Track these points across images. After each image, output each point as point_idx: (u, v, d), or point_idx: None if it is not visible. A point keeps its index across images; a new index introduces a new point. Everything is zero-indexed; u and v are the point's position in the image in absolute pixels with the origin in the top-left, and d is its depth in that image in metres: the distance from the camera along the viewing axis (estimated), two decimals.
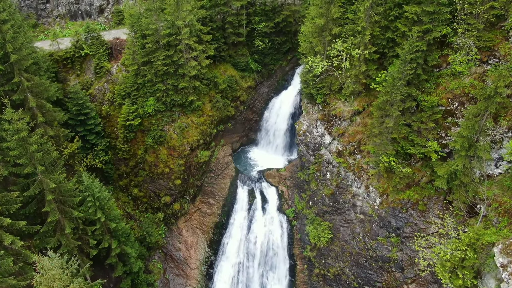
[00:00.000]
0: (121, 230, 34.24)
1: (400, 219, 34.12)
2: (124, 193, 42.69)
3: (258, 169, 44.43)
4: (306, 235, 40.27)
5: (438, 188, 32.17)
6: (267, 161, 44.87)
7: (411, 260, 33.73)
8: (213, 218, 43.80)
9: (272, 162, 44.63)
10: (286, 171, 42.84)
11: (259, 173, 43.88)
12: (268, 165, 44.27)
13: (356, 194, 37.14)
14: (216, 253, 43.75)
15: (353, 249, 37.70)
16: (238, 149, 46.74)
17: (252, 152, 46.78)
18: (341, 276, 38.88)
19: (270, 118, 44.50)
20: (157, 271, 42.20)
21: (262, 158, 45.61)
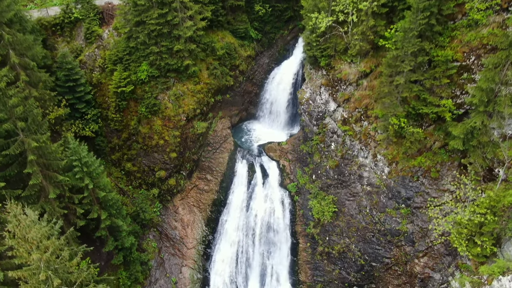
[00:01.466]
0: (111, 201, 31.96)
1: (411, 189, 31.81)
2: (117, 167, 40.44)
3: (258, 143, 42.14)
4: (309, 211, 37.96)
5: (452, 153, 29.88)
6: (268, 136, 42.59)
7: (423, 232, 31.42)
8: (210, 195, 41.53)
9: (273, 137, 42.37)
10: (287, 144, 40.53)
11: (259, 147, 41.60)
12: (269, 140, 41.98)
13: (363, 164, 34.83)
14: (214, 232, 41.47)
15: (359, 223, 35.39)
16: (237, 124, 44.47)
17: (252, 127, 44.48)
18: (347, 253, 36.55)
19: (271, 90, 42.22)
20: (151, 250, 39.92)
21: (263, 133, 43.33)
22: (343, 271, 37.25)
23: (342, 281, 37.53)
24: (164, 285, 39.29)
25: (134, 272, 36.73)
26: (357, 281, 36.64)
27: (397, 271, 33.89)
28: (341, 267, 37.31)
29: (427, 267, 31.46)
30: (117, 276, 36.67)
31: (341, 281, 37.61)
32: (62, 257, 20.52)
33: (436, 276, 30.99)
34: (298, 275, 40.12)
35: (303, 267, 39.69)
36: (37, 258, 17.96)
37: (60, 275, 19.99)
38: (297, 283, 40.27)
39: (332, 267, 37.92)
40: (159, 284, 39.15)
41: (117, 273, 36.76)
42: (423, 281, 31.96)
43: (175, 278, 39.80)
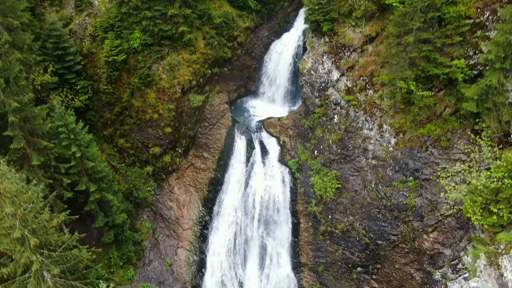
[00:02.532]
0: (100, 173, 30.09)
1: (419, 160, 29.92)
2: (109, 144, 38.58)
3: (257, 120, 40.27)
4: (311, 187, 36.06)
5: (463, 120, 28.02)
6: (267, 112, 40.69)
7: (432, 205, 29.51)
8: (207, 174, 39.64)
9: (273, 114, 40.43)
10: (288, 119, 38.65)
11: (259, 123, 39.70)
12: (269, 116, 40.09)
13: (368, 137, 32.95)
14: (211, 212, 39.57)
15: (364, 199, 33.48)
16: (236, 100, 42.61)
17: (251, 104, 42.62)
18: (350, 232, 34.64)
19: (271, 64, 40.36)
20: (145, 231, 38.05)
21: (262, 110, 41.43)
22: (347, 251, 35.33)
23: (346, 262, 35.61)
24: (159, 267, 37.41)
25: (126, 251, 34.89)
26: (361, 262, 34.72)
27: (404, 249, 31.98)
28: (344, 247, 35.39)
29: (437, 243, 29.56)
30: (108, 256, 34.88)
31: (345, 262, 35.69)
32: (41, 218, 18.67)
33: (447, 251, 29.09)
34: (299, 257, 38.22)
35: (304, 248, 37.78)
36: (11, 212, 16.11)
37: (38, 236, 18.14)
38: (298, 265, 38.38)
39: (335, 247, 36.00)
40: (153, 265, 37.27)
41: (109, 252, 34.94)
42: (432, 257, 30.05)
43: (170, 260, 37.92)
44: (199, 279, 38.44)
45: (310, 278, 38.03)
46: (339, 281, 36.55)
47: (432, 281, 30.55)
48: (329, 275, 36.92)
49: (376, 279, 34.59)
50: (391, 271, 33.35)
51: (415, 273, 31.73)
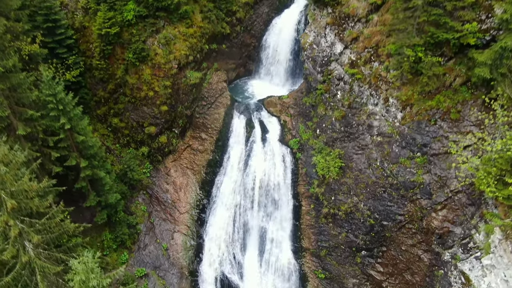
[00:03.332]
0: (92, 149, 28.61)
1: (427, 134, 28.39)
2: (103, 124, 37.09)
3: (257, 99, 38.75)
4: (313, 167, 34.52)
5: (475, 90, 26.48)
6: (268, 92, 39.10)
7: (442, 181, 27.95)
8: (205, 156, 38.13)
9: (273, 93, 38.84)
10: (289, 98, 37.12)
11: (259, 102, 38.20)
12: (269, 95, 38.55)
13: (373, 113, 31.43)
14: (209, 195, 38.05)
15: (368, 178, 31.94)
16: (234, 80, 41.09)
17: (250, 84, 41.09)
18: (354, 213, 33.09)
19: (271, 42, 38.81)
20: (140, 214, 36.55)
21: (262, 90, 39.88)
22: (351, 234, 33.78)
23: (349, 245, 34.07)
24: (154, 251, 35.92)
25: (120, 234, 33.41)
26: (365, 245, 33.17)
27: (411, 229, 30.43)
28: (348, 230, 33.85)
29: (446, 221, 28.01)
30: (101, 238, 33.39)
31: (348, 245, 34.15)
32: (22, 182, 17.17)
33: (457, 230, 27.54)
34: (300, 241, 36.69)
35: (306, 232, 36.26)
36: None
37: (17, 200, 16.65)
38: (300, 250, 36.85)
39: (338, 230, 34.47)
40: (148, 250, 35.78)
41: (102, 235, 33.47)
42: (441, 237, 28.51)
43: (166, 245, 36.41)
44: (196, 264, 36.94)
45: (312, 263, 36.51)
46: (343, 265, 35.03)
47: (441, 262, 29.02)
48: (332, 259, 35.40)
49: (381, 262, 33.05)
50: (397, 254, 31.80)
51: (422, 255, 30.19)
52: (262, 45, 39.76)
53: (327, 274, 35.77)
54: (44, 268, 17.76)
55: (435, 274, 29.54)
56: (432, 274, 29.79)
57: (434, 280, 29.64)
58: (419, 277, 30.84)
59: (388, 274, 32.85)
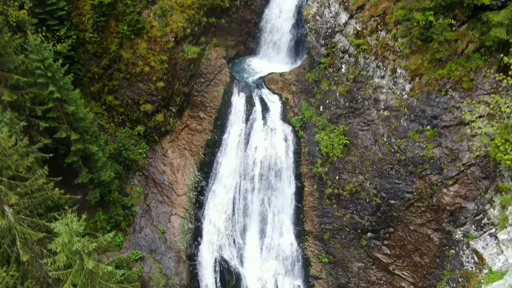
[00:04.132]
0: (83, 121, 27.12)
1: (437, 105, 26.89)
2: (97, 102, 35.58)
3: (257, 76, 37.21)
4: (316, 146, 32.98)
5: (489, 57, 24.96)
6: (268, 71, 37.49)
7: (453, 154, 26.42)
8: (204, 136, 36.61)
9: (274, 71, 37.27)
10: (291, 74, 35.58)
11: (259, 79, 36.67)
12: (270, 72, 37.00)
13: (379, 86, 29.89)
14: (208, 177, 36.55)
15: (375, 155, 30.41)
16: (234, 59, 39.54)
17: (251, 62, 39.52)
18: (360, 193, 31.55)
19: (272, 17, 37.27)
20: (136, 196, 35.03)
21: (263, 68, 38.29)
22: (356, 215, 32.24)
23: (354, 227, 32.52)
24: (150, 234, 34.40)
25: (114, 215, 31.91)
26: (371, 226, 31.63)
27: (420, 208, 28.88)
28: (353, 211, 32.31)
29: (458, 197, 26.46)
30: (94, 219, 31.90)
31: (353, 227, 32.61)
32: None
33: (470, 206, 25.99)
34: (303, 224, 35.16)
35: (309, 214, 34.72)
36: None
37: None
38: (302, 233, 35.32)
39: (342, 211, 32.92)
40: (144, 232, 34.26)
41: (95, 216, 31.99)
42: (453, 214, 26.96)
43: (163, 228, 34.91)
44: (194, 248, 35.43)
45: (315, 247, 34.98)
46: (347, 249, 33.50)
47: (452, 241, 27.48)
48: (336, 243, 33.87)
49: (388, 244, 31.52)
50: (405, 234, 30.26)
51: (432, 234, 28.65)
52: (263, 21, 38.23)
53: (330, 258, 34.25)
54: (25, 235, 16.32)
55: (445, 255, 28.00)
56: (442, 255, 28.24)
57: (444, 260, 28.11)
58: (428, 258, 29.30)
59: (395, 257, 31.32)
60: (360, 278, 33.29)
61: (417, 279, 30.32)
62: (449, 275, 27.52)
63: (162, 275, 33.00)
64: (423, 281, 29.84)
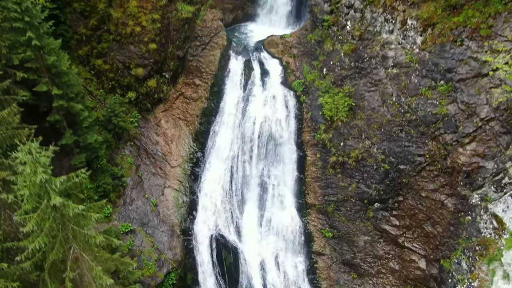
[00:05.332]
0: (66, 76, 24.90)
1: (452, 57, 24.68)
2: (85, 66, 33.31)
3: (256, 40, 35.02)
4: (319, 110, 30.78)
5: (509, 0, 22.73)
6: (268, 35, 35.25)
7: (470, 109, 24.20)
8: (199, 104, 34.42)
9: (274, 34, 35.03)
10: (292, 37, 33.36)
11: (258, 42, 34.50)
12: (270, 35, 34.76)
13: (387, 42, 27.69)
14: (204, 148, 34.35)
15: (383, 117, 28.20)
16: (232, 25, 37.41)
17: (249, 28, 37.34)
18: (366, 160, 29.33)
19: None
20: (127, 167, 32.77)
21: (262, 33, 36.05)
22: (362, 184, 30.02)
23: (361, 197, 30.30)
24: (142, 207, 32.16)
25: (102, 183, 29.65)
26: (379, 195, 29.40)
27: (432, 172, 26.65)
28: (359, 180, 30.09)
29: (476, 155, 24.22)
30: (81, 188, 29.58)
31: (359, 197, 30.38)
32: None
33: (489, 165, 23.75)
34: (305, 197, 32.94)
35: (311, 186, 32.48)
36: None
37: None
38: (304, 206, 33.09)
39: (347, 181, 30.70)
40: (135, 205, 32.02)
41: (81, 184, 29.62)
42: (469, 176, 24.72)
43: (156, 200, 32.69)
44: (189, 222, 33.19)
45: (318, 221, 32.76)
46: (353, 222, 31.28)
47: (468, 207, 25.23)
48: (340, 215, 31.64)
49: (396, 215, 29.29)
50: (415, 203, 28.03)
51: (446, 200, 26.42)
52: None
53: (335, 233, 32.01)
54: None
55: (460, 222, 25.75)
56: (457, 222, 25.99)
57: (459, 228, 25.86)
58: (441, 227, 27.05)
59: (404, 228, 29.09)
60: (366, 253, 31.07)
61: (429, 251, 28.09)
62: (465, 243, 25.28)
63: (154, 249, 30.76)
64: (436, 253, 27.62)
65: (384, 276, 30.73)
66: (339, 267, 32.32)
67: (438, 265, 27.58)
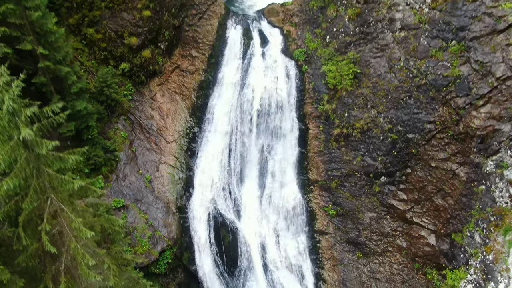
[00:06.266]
0: (53, 35, 23.32)
1: (465, 14, 23.10)
2: (76, 36, 31.68)
3: (256, 9, 33.45)
4: (323, 78, 29.20)
5: None
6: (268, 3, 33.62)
7: (484, 69, 22.62)
8: (196, 77, 32.85)
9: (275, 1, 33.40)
10: (293, 4, 31.75)
11: (258, 11, 32.92)
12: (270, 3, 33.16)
13: (395, 3, 26.11)
14: (201, 123, 32.78)
15: (390, 84, 26.60)
16: None
17: (248, 2, 35.65)
18: (372, 130, 27.74)
19: None
20: (120, 141, 31.21)
21: (262, 1, 34.34)
22: (367, 157, 28.43)
23: (366, 171, 28.73)
24: (136, 183, 30.60)
25: (93, 155, 28.08)
26: (386, 168, 27.82)
27: (443, 140, 25.06)
28: (364, 152, 28.50)
29: (491, 118, 22.64)
30: None
31: (364, 171, 28.81)
32: None
33: (505, 127, 22.20)
34: (307, 173, 31.37)
35: (314, 161, 30.90)
36: None
37: None
38: (307, 183, 31.51)
39: (352, 154, 29.11)
40: (129, 180, 30.46)
41: None
42: (484, 141, 23.13)
43: (150, 176, 31.11)
44: (185, 199, 31.60)
45: (321, 198, 31.16)
46: (357, 198, 29.70)
47: (482, 175, 23.64)
48: (344, 191, 30.05)
49: (404, 189, 27.70)
50: (424, 174, 26.42)
51: (458, 169, 24.82)
52: None
53: (338, 210, 30.42)
54: None
55: (474, 192, 24.17)
56: (470, 193, 24.41)
57: (472, 199, 24.28)
58: (452, 199, 25.45)
59: (413, 202, 27.49)
60: (372, 231, 29.47)
61: (439, 225, 26.49)
62: (478, 215, 23.69)
63: (148, 226, 29.19)
64: (446, 227, 26.01)
65: (390, 255, 29.13)
66: (343, 246, 30.72)
67: (449, 240, 25.99)
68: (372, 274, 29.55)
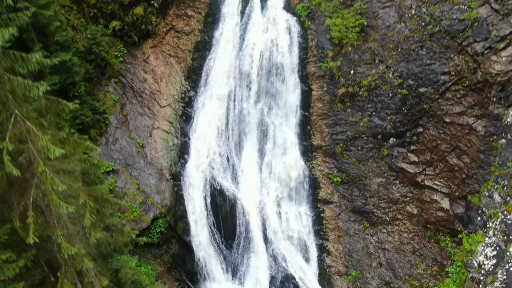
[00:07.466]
0: None
1: None
2: None
3: None
4: (327, 34, 27.18)
5: None
6: None
7: (505, 8, 20.73)
8: (192, 38, 30.91)
9: None
10: None
11: None
12: None
13: None
14: (197, 86, 30.81)
15: (399, 35, 24.59)
16: None
17: None
18: (380, 87, 25.75)
19: None
20: (110, 104, 29.27)
21: None
22: (375, 117, 26.44)
23: (373, 132, 26.73)
24: (127, 148, 28.65)
25: (80, 115, 26.13)
26: (395, 128, 25.82)
27: (458, 92, 23.07)
28: (372, 112, 26.51)
29: None
30: None
31: (372, 133, 26.81)
32: None
33: None
34: (310, 138, 29.37)
35: (317, 125, 28.90)
36: None
37: None
38: (310, 149, 29.52)
39: (358, 115, 27.12)
40: (119, 144, 28.51)
41: None
42: (505, 88, 21.14)
43: (143, 141, 29.19)
44: (180, 166, 29.63)
45: (325, 165, 29.16)
46: (364, 162, 27.70)
47: (502, 127, 21.64)
48: (350, 156, 28.05)
49: (415, 150, 25.70)
50: (438, 132, 24.41)
51: (475, 123, 22.82)
52: None
53: (344, 177, 28.43)
54: None
55: (492, 147, 22.16)
56: (488, 148, 22.39)
57: (491, 155, 22.27)
58: (469, 157, 23.44)
59: (425, 164, 25.50)
60: (380, 197, 27.48)
61: (453, 187, 24.48)
62: (498, 171, 21.66)
63: (140, 192, 27.23)
64: (462, 189, 24.01)
65: (400, 223, 27.13)
66: (349, 215, 28.71)
67: (464, 203, 23.98)
68: (380, 244, 27.55)
